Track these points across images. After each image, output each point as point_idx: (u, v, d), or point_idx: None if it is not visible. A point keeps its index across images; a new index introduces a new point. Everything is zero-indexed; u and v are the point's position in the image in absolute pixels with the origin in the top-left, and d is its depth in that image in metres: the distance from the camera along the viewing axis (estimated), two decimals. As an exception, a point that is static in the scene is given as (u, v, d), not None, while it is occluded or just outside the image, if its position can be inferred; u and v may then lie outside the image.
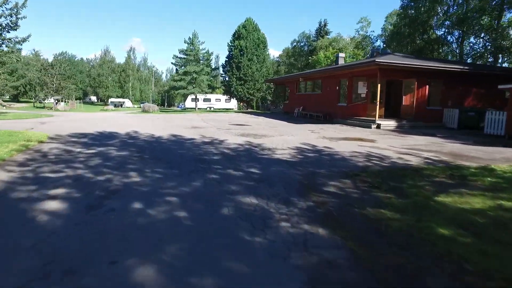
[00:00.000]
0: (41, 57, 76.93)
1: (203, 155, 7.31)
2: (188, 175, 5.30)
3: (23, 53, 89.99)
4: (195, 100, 37.14)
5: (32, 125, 14.71)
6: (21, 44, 27.20)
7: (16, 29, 26.75)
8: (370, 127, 15.36)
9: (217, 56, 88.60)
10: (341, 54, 24.73)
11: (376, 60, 14.14)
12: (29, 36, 27.19)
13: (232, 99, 51.45)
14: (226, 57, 37.78)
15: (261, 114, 29.16)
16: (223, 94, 45.63)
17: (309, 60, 57.03)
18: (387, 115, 17.01)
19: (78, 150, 7.50)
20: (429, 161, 7.48)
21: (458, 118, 15.79)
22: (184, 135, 11.23)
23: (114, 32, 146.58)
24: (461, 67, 17.02)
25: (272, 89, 39.69)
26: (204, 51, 36.05)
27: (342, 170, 6.17)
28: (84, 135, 10.50)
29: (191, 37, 35.65)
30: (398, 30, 29.37)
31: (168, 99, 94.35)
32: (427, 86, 16.49)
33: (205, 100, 48.26)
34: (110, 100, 73.05)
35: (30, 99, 72.44)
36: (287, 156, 7.47)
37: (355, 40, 51.65)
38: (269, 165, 6.38)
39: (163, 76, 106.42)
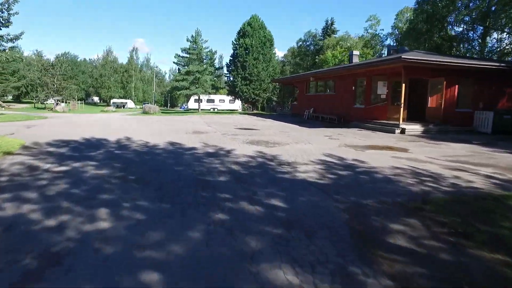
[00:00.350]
0: (44, 58, 75.67)
1: (206, 174, 5.67)
2: (184, 215, 3.65)
3: (25, 53, 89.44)
4: (198, 101, 35.54)
5: (17, 129, 13.19)
6: (14, 42, 25.90)
7: (8, 26, 25.39)
8: (394, 132, 13.65)
9: (221, 56, 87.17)
10: (355, 52, 23.04)
11: (403, 56, 12.44)
12: (21, 33, 25.77)
13: (236, 100, 49.86)
14: (231, 56, 36.10)
15: (268, 116, 27.51)
16: (227, 94, 44.04)
17: (316, 60, 55.31)
18: (409, 118, 15.29)
19: (47, 166, 5.89)
20: (496, 181, 5.80)
21: (492, 122, 14.04)
22: (184, 142, 9.59)
23: (117, 33, 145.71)
24: (497, 64, 15.24)
25: (278, 90, 38.03)
26: (208, 49, 34.47)
27: (395, 200, 4.49)
28: (66, 143, 8.90)
29: (194, 35, 34.06)
30: (414, 27, 27.58)
31: (171, 100, 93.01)
32: (457, 86, 14.74)
33: (208, 101, 46.71)
34: (112, 101, 71.82)
35: (32, 99, 71.03)
36: (314, 175, 5.80)
37: (364, 39, 49.87)
38: (295, 192, 4.72)
39: (166, 76, 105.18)
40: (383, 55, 51.65)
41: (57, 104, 50.25)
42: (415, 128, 14.03)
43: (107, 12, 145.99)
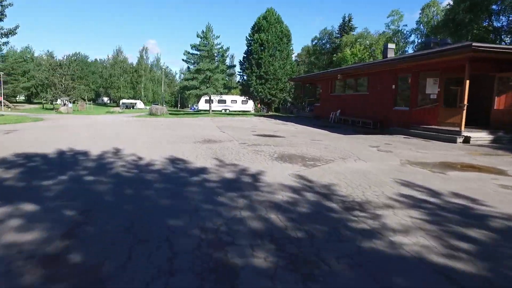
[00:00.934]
0: (56, 58, 74.43)
1: (227, 241, 3.00)
2: None
3: (36, 53, 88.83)
4: (209, 101, 33.04)
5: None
6: (8, 37, 23.83)
7: (2, 19, 23.36)
8: (455, 141, 10.80)
9: (232, 56, 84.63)
10: (390, 45, 20.09)
11: (474, 44, 9.57)
12: (16, 27, 23.66)
13: (249, 101, 47.26)
14: (244, 53, 33.48)
15: (286, 118, 24.78)
16: (240, 95, 41.48)
17: (334, 58, 52.31)
18: (467, 123, 12.38)
19: None
20: None
21: None
22: (191, 159, 6.98)
23: (129, 35, 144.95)
24: None
25: (294, 89, 35.27)
26: (219, 46, 31.92)
27: None
28: (27, 160, 6.41)
29: (205, 31, 31.57)
30: (454, 17, 24.45)
31: (181, 100, 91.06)
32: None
33: (219, 101, 44.19)
34: (122, 101, 70.16)
35: (41, 100, 69.79)
36: (423, 240, 3.10)
37: (385, 35, 46.61)
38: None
39: (177, 77, 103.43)
40: (406, 52, 48.36)
41: (64, 104, 48.59)
42: (481, 136, 11.14)
43: (119, 13, 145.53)
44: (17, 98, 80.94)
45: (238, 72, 34.58)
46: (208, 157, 7.26)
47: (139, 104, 69.84)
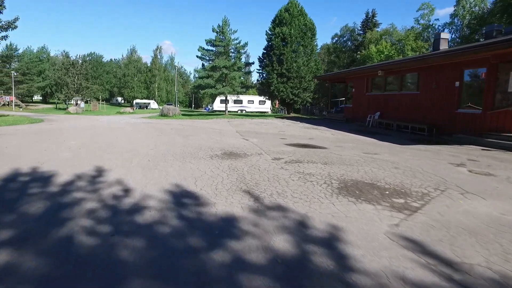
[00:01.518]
0: (71, 58, 73.69)
1: None
2: None
3: (52, 53, 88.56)
4: (225, 102, 30.47)
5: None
6: (7, 30, 21.86)
7: (1, 11, 21.42)
8: None
9: (247, 56, 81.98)
10: (444, 35, 16.91)
11: None
12: (16, 19, 21.68)
13: (267, 101, 44.54)
14: (264, 49, 30.72)
15: (312, 121, 21.97)
16: (259, 94, 38.79)
17: (357, 56, 49.05)
18: None
19: None
20: None
21: None
22: (208, 195, 4.36)
23: (144, 36, 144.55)
24: None
25: (318, 89, 32.28)
26: (237, 41, 29.34)
27: None
28: None
29: (221, 25, 29.07)
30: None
31: (195, 100, 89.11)
32: None
33: (235, 101, 41.61)
34: (135, 101, 68.63)
35: (57, 100, 68.77)
36: None
37: (414, 31, 43.04)
38: None
39: (191, 76, 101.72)
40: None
41: (76, 104, 47.11)
42: None
43: (135, 14, 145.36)
44: (33, 98, 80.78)
45: (257, 69, 31.90)
46: (234, 189, 4.61)
47: (153, 104, 68.12)
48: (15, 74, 67.02)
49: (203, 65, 29.87)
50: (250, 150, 8.27)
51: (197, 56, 29.35)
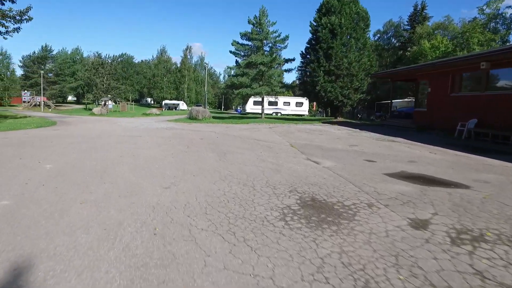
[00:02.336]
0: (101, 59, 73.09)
1: None
2: None
3: (84, 54, 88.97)
4: (262, 103, 26.72)
5: None
6: (21, 22, 19.33)
7: (14, 1, 18.93)
8: None
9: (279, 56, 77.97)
10: None
11: None
12: (28, 8, 19.11)
13: (304, 103, 40.37)
14: (307, 43, 26.56)
15: (373, 128, 17.73)
16: (301, 95, 34.83)
17: (406, 53, 43.79)
18: None
19: None
20: None
21: None
22: None
23: (174, 38, 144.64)
24: None
25: (372, 88, 27.79)
26: (276, 34, 25.56)
27: None
28: None
29: (258, 16, 25.41)
30: None
31: (225, 102, 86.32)
32: None
33: (270, 103, 37.81)
34: (164, 102, 66.66)
35: (86, 100, 68.21)
36: None
37: (478, 22, 37.20)
38: None
39: (221, 77, 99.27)
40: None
41: (104, 104, 45.32)
42: None
43: (166, 17, 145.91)
44: (67, 99, 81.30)
45: (299, 67, 27.96)
46: None
47: (182, 105, 65.77)
48: (50, 75, 67.57)
49: (236, 61, 26.31)
50: (341, 191, 4.49)
51: (231, 52, 25.84)
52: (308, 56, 26.40)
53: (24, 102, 51.40)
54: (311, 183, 5.04)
